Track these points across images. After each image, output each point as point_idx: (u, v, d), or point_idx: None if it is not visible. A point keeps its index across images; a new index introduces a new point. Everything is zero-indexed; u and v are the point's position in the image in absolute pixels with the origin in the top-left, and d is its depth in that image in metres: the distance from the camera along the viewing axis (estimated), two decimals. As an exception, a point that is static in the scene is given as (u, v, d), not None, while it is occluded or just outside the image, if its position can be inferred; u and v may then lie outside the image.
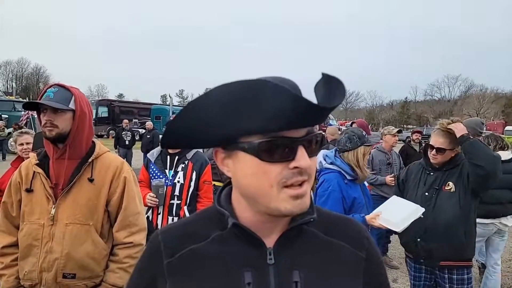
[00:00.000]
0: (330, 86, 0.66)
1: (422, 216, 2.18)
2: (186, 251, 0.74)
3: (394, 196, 2.42)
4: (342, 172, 2.27)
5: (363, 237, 0.81)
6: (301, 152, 0.65)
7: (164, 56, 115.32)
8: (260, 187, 0.66)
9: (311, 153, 0.67)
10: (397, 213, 2.18)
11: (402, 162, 4.77)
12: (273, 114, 0.60)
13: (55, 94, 1.61)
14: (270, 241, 0.73)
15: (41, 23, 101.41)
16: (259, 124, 0.62)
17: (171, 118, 0.70)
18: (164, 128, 0.93)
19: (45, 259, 1.60)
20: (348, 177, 2.27)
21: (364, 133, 2.37)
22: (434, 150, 2.39)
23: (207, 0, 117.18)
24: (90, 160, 1.68)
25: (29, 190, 1.66)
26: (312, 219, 0.73)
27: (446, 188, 2.37)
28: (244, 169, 0.67)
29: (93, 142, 1.76)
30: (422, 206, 2.26)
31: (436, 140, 2.39)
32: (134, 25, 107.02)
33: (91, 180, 1.66)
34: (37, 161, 1.69)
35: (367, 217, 2.18)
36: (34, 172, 1.67)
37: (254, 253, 0.71)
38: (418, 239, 2.39)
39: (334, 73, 0.66)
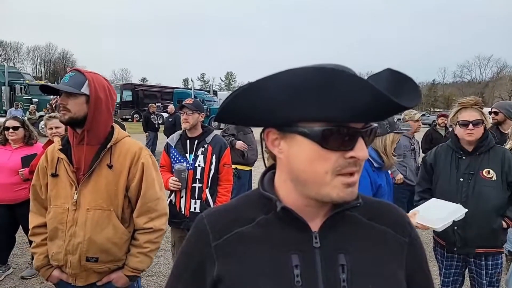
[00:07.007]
0: (403, 85, 0.66)
1: (463, 217, 2.12)
2: (232, 234, 0.75)
3: (433, 199, 2.36)
4: (370, 158, 2.21)
5: (406, 222, 0.81)
6: (360, 143, 0.66)
7: (186, 40, 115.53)
8: (314, 173, 0.67)
9: (366, 145, 0.68)
10: (436, 212, 2.13)
11: (421, 148, 4.84)
12: (347, 105, 0.60)
13: (70, 78, 1.61)
14: (314, 225, 0.73)
15: (66, 9, 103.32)
16: (327, 112, 0.62)
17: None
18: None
19: (70, 243, 1.65)
20: (376, 165, 2.22)
21: (395, 119, 2.31)
22: (471, 124, 2.33)
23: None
24: (108, 146, 1.68)
25: (54, 175, 1.71)
26: (358, 204, 0.73)
27: (486, 175, 2.32)
28: (300, 153, 0.67)
29: (112, 127, 1.75)
30: (457, 192, 2.28)
31: (470, 114, 2.35)
32: (156, 10, 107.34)
33: (110, 166, 1.67)
34: (61, 146, 1.72)
35: None
36: (58, 157, 1.71)
37: (299, 237, 0.72)
38: (455, 227, 2.34)
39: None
